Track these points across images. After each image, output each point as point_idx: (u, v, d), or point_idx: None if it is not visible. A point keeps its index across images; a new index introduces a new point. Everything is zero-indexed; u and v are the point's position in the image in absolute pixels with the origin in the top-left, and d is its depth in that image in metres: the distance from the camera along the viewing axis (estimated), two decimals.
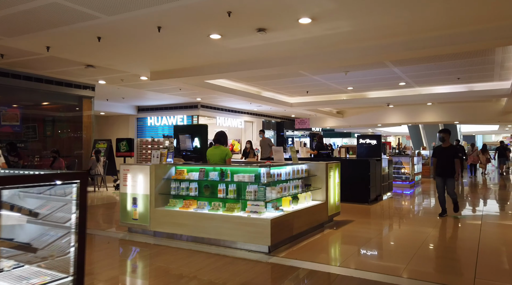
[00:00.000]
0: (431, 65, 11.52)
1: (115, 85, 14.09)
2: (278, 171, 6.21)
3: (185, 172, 6.40)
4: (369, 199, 10.00)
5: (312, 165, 7.26)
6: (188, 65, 10.89)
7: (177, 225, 6.02)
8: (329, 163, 7.29)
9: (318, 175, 7.17)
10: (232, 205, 5.83)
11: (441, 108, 20.51)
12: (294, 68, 10.37)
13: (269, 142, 12.33)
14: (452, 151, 8.40)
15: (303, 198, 6.77)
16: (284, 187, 6.21)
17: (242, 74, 10.96)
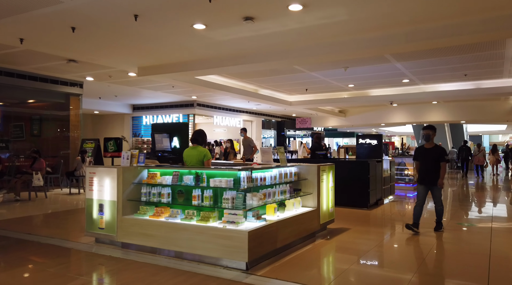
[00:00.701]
0: (436, 60, 10.73)
1: (104, 82, 13.44)
2: (261, 174, 5.46)
3: (158, 175, 5.67)
4: (368, 204, 9.22)
5: (302, 167, 6.50)
6: (176, 60, 10.19)
7: (146, 236, 5.28)
8: (322, 165, 6.53)
9: (309, 179, 6.41)
10: (207, 213, 5.09)
11: (446, 107, 19.66)
12: (289, 63, 9.63)
13: (251, 142, 11.43)
14: (436, 153, 6.86)
15: (291, 205, 6.01)
16: (269, 192, 5.46)
17: (234, 69, 10.24)
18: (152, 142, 7.05)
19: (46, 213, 8.91)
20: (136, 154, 5.73)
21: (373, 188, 9.45)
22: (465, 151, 20.23)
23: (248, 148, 11.02)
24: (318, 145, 11.23)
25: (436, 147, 7.00)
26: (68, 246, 5.77)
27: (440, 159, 6.81)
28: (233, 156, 11.08)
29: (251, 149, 11.04)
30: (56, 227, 7.40)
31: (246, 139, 11.51)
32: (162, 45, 8.72)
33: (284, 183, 6.03)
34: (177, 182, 5.41)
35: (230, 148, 11.27)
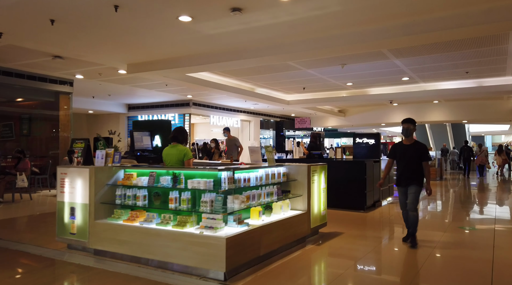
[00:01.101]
0: (436, 56, 10.26)
1: (95, 80, 13.02)
2: (245, 175, 5.02)
3: (134, 176, 5.23)
4: (365, 206, 8.76)
5: (292, 168, 6.05)
6: (166, 56, 9.77)
7: (119, 242, 4.84)
8: (313, 165, 6.07)
9: (299, 179, 5.96)
10: (184, 218, 4.65)
11: (448, 106, 19.18)
12: (282, 58, 9.18)
13: (236, 142, 10.82)
14: (417, 150, 5.82)
15: (278, 208, 5.56)
16: (253, 195, 5.02)
17: (226, 66, 9.80)
18: (131, 140, 6.60)
19: (25, 215, 8.49)
20: (112, 153, 5.30)
21: (370, 190, 8.99)
22: (466, 151, 19.79)
23: (233, 148, 10.48)
24: (315, 145, 10.78)
25: (416, 143, 5.95)
26: (38, 253, 5.34)
27: (422, 157, 5.80)
28: (218, 156, 10.53)
29: (236, 149, 10.50)
30: (31, 231, 6.97)
31: (231, 138, 10.91)
32: (148, 39, 8.30)
33: (272, 184, 5.59)
34: (154, 183, 4.97)
35: (215, 148, 10.67)
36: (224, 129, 10.97)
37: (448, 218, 8.54)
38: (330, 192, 7.91)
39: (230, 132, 10.96)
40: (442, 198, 12.31)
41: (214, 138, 11.19)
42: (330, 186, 7.63)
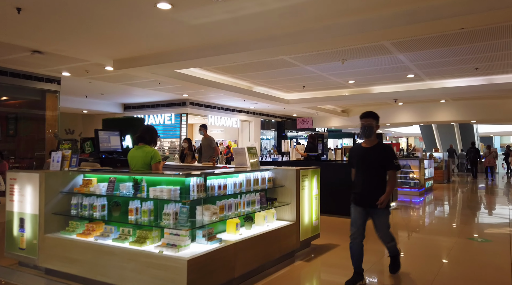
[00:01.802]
0: (443, 51, 9.44)
1: (84, 78, 12.36)
2: (221, 181, 4.27)
3: (94, 182, 4.50)
4: None
5: (279, 172, 5.29)
6: (152, 50, 9.06)
7: (70, 260, 4.12)
8: (303, 169, 5.31)
9: (287, 185, 5.20)
10: (144, 233, 3.91)
11: (456, 105, 18.29)
12: (273, 52, 8.41)
13: (211, 143, 9.64)
14: (379, 155, 4.25)
15: (261, 219, 4.81)
16: (229, 204, 4.27)
17: (214, 60, 9.06)
18: (95, 141, 5.87)
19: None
20: (69, 155, 4.57)
21: None
22: (473, 153, 19.00)
23: (208, 149, 9.52)
24: (313, 146, 10.01)
25: (379, 146, 4.32)
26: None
27: (388, 165, 4.22)
28: (191, 158, 9.64)
29: (212, 151, 9.52)
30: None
31: (206, 138, 9.69)
32: (128, 31, 7.58)
33: (254, 191, 4.83)
34: (113, 191, 4.24)
35: (188, 149, 9.68)
36: (201, 126, 9.89)
37: (456, 227, 7.73)
38: (327, 198, 7.21)
39: (207, 130, 9.91)
40: (450, 202, 11.46)
41: (187, 138, 10.25)
42: (326, 191, 6.96)
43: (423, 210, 10.04)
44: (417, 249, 6.06)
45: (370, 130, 4.29)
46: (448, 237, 6.73)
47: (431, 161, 14.23)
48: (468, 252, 5.76)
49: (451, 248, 5.92)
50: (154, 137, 4.75)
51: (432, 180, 13.96)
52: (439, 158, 16.43)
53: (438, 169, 15.99)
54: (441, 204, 11.06)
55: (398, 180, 12.30)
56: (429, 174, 13.68)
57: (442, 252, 5.72)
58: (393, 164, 4.23)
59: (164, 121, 17.32)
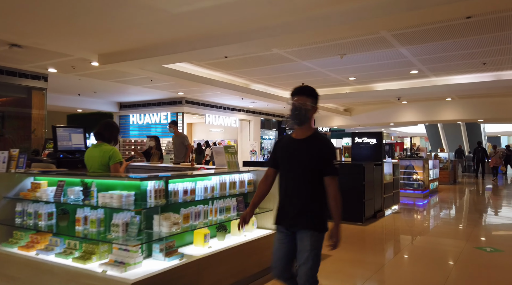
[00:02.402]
0: (448, 43, 8.75)
1: (73, 75, 11.80)
2: (187, 185, 3.65)
3: (44, 186, 3.90)
4: (363, 217, 7.33)
5: (261, 174, 4.65)
6: (137, 43, 8.46)
7: (8, 278, 3.51)
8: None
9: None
10: (91, 247, 3.30)
11: (462, 104, 17.52)
12: (264, 44, 7.76)
13: (184, 140, 8.66)
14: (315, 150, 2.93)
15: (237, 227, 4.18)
16: (196, 212, 3.65)
17: (203, 54, 8.43)
18: (54, 138, 5.26)
19: None
20: (16, 154, 3.97)
21: (369, 198, 7.55)
22: (480, 152, 18.31)
23: (180, 148, 8.57)
24: None
25: (315, 138, 2.98)
26: None
27: (325, 168, 2.97)
28: (158, 159, 8.66)
29: (184, 150, 8.62)
30: None
31: (178, 135, 8.75)
32: (109, 22, 6.99)
33: (231, 196, 4.20)
34: (61, 196, 3.62)
35: (155, 148, 8.66)
36: (170, 123, 9.05)
37: (463, 233, 7.04)
38: None
39: (177, 127, 9.07)
40: (456, 205, 10.76)
41: (154, 135, 9.49)
42: None
43: (427, 213, 9.36)
44: (418, 259, 5.40)
45: (302, 113, 2.89)
46: (453, 246, 6.06)
47: (436, 162, 13.52)
48: (476, 265, 5.09)
49: (457, 259, 5.25)
50: (115, 134, 4.13)
51: (437, 181, 13.25)
52: (444, 158, 15.70)
53: (444, 170, 15.28)
54: (446, 207, 10.37)
55: (401, 181, 11.62)
56: (434, 175, 12.98)
57: (446, 265, 5.05)
58: (333, 168, 2.96)
59: (160, 120, 16.73)
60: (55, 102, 15.32)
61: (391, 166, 8.83)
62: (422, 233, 7.12)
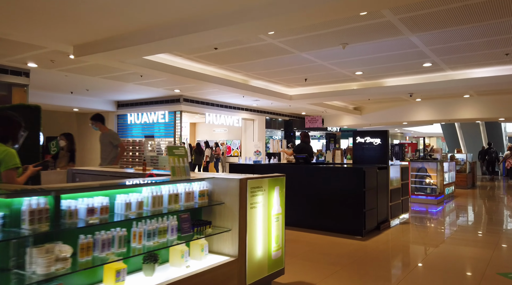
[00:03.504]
0: (466, 29, 7.55)
1: (57, 71, 10.94)
2: (93, 202, 2.61)
3: None
4: (363, 230, 6.20)
5: (219, 183, 3.60)
6: (111, 32, 7.54)
7: None
8: (253, 179, 3.59)
9: (227, 202, 3.50)
10: None
11: (481, 101, 16.12)
12: (249, 29, 6.68)
13: (113, 139, 7.10)
14: None
15: (177, 256, 3.13)
16: (104, 239, 2.61)
17: (184, 42, 7.41)
18: None
19: None
20: None
21: (371, 207, 6.42)
22: (493, 154, 17.06)
23: (108, 147, 7.07)
24: (305, 146, 8.27)
25: None
26: None
27: None
28: (67, 161, 6.93)
29: (113, 150, 7.12)
30: None
31: (104, 133, 7.19)
32: (77, 6, 6.05)
33: (171, 213, 3.16)
34: None
35: (66, 149, 7.05)
36: (93, 117, 7.21)
37: (482, 251, 5.85)
38: (314, 209, 5.58)
39: (103, 123, 7.41)
40: (474, 212, 9.48)
41: (67, 133, 8.19)
42: (314, 201, 5.39)
43: (441, 223, 8.17)
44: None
45: None
46: (470, 269, 4.90)
47: (452, 164, 12.24)
48: None
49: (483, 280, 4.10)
50: (12, 131, 3.13)
51: (454, 185, 11.97)
52: (462, 160, 14.37)
53: (461, 172, 13.96)
54: (463, 215, 9.14)
55: (413, 184, 10.42)
56: (450, 179, 11.71)
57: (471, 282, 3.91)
58: None
59: (158, 120, 15.81)
60: (49, 101, 14.56)
61: (398, 169, 7.67)
62: (433, 246, 5.96)
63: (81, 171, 4.87)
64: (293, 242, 5.98)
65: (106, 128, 7.27)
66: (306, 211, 6.68)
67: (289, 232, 6.53)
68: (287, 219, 6.86)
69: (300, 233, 6.47)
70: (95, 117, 7.26)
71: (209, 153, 15.49)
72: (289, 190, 7.04)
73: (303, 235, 6.38)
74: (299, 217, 6.76)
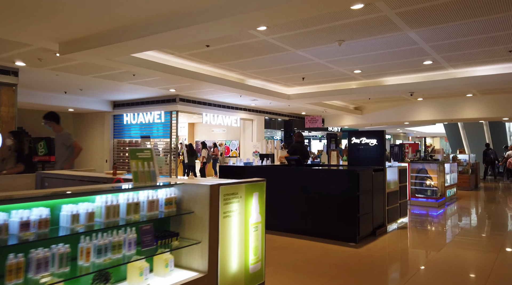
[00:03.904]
0: (466, 24, 7.16)
1: (46, 69, 10.63)
2: (28, 214, 2.26)
3: None
4: (357, 236, 5.82)
5: (188, 189, 3.23)
6: (96, 28, 7.23)
7: None
8: (226, 185, 3.22)
9: (197, 211, 3.14)
10: None
11: (484, 100, 15.68)
12: (240, 22, 6.30)
13: (65, 140, 6.45)
14: None
15: (135, 274, 2.77)
16: (40, 259, 2.25)
17: (170, 38, 7.08)
18: None
19: None
20: None
21: (366, 211, 6.04)
22: (491, 155, 16.70)
23: (62, 149, 6.40)
24: (300, 146, 7.90)
25: None
26: None
27: None
28: (15, 163, 6.09)
29: (68, 152, 6.42)
30: None
31: (59, 133, 6.55)
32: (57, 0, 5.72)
33: (130, 225, 2.79)
34: None
35: (14, 149, 6.18)
36: (46, 116, 6.54)
37: (487, 260, 5.45)
38: (305, 214, 5.26)
39: (58, 122, 6.62)
40: (477, 215, 9.06)
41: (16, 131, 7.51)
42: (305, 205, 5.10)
43: (441, 226, 7.77)
44: None
45: None
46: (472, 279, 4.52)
47: (454, 165, 11.82)
48: None
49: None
50: None
51: (455, 187, 11.54)
52: (464, 160, 13.94)
53: (464, 173, 13.53)
54: (465, 219, 8.73)
55: (412, 186, 10.03)
56: (452, 180, 11.30)
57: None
58: None
59: (154, 120, 15.48)
60: (42, 100, 14.26)
61: (395, 171, 7.28)
62: (432, 257, 5.57)
63: (50, 175, 4.53)
64: (280, 249, 5.61)
65: (60, 128, 6.63)
66: (296, 216, 6.31)
67: (278, 238, 6.16)
68: (275, 224, 6.50)
69: (289, 240, 6.09)
70: (48, 116, 6.57)
71: (206, 153, 15.12)
72: (279, 193, 6.69)
73: (292, 241, 6.01)
74: (289, 222, 6.40)
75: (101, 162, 16.73)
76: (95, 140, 17.00)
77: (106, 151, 16.66)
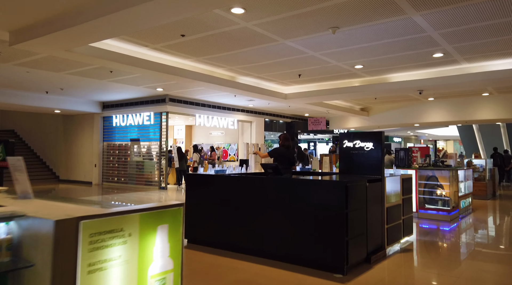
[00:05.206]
0: (482, 4, 5.79)
1: (13, 65, 9.60)
2: None
3: None
4: (345, 265, 4.49)
5: (32, 225, 1.96)
6: (45, 14, 6.10)
7: None
8: (91, 217, 1.96)
9: (38, 264, 1.87)
10: None
11: (502, 100, 14.17)
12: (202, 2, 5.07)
13: None
14: None
15: None
16: None
17: (124, 20, 5.89)
18: None
19: None
20: None
21: (357, 233, 4.73)
22: (498, 158, 15.26)
23: None
24: (285, 150, 6.61)
25: None
26: None
27: None
28: None
29: None
30: None
31: None
32: None
33: None
34: None
35: None
36: None
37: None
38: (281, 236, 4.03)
39: None
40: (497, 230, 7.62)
41: None
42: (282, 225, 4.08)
43: (455, 246, 6.39)
44: None
45: None
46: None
47: (469, 171, 10.38)
48: None
49: None
50: None
51: (471, 196, 10.10)
52: (481, 166, 12.45)
53: (480, 180, 12.04)
54: (483, 235, 7.30)
55: (420, 195, 8.65)
56: (467, 189, 9.86)
57: None
58: None
59: (143, 121, 14.33)
60: (22, 101, 13.23)
61: (398, 181, 5.92)
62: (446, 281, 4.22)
63: None
64: (242, 284, 4.32)
65: None
66: (271, 238, 5.03)
67: (244, 267, 4.87)
68: (246, 247, 5.23)
69: (259, 268, 4.78)
70: None
71: (197, 158, 13.89)
72: (251, 209, 5.43)
73: (261, 271, 4.69)
74: (261, 245, 5.12)
75: (90, 166, 15.65)
76: (84, 143, 15.93)
77: (95, 155, 15.57)
